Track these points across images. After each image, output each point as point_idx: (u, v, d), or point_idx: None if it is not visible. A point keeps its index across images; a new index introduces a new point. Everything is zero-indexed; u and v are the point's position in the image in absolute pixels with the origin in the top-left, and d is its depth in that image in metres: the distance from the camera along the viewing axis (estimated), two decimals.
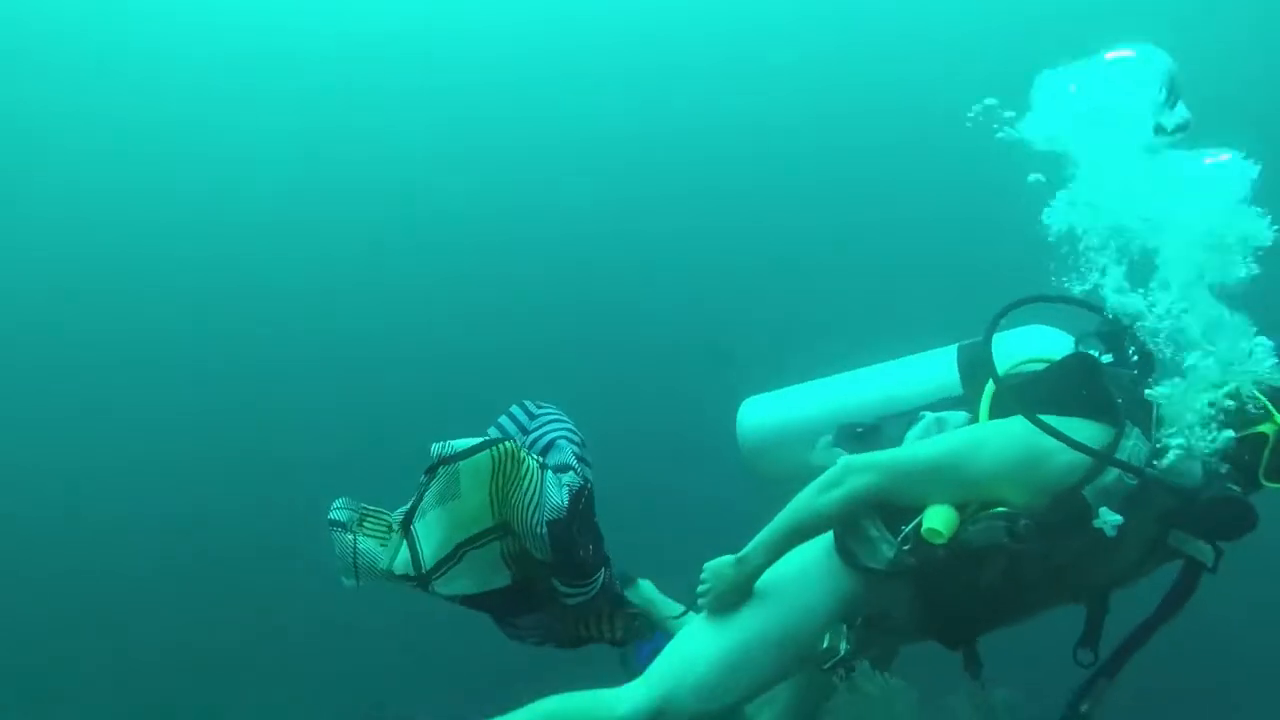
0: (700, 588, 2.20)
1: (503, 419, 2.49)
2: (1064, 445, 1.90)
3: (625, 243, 7.81)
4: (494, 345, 7.43)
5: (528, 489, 2.16)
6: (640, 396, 7.08)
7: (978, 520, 1.98)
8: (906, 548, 2.01)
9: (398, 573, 2.17)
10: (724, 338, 6.82)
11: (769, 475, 2.50)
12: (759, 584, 2.17)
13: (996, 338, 2.16)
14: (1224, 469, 1.89)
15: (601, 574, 2.36)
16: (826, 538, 2.18)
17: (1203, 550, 1.95)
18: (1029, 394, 2.04)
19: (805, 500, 2.11)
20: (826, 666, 2.13)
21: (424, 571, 2.17)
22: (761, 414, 2.54)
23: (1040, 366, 2.15)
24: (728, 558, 2.17)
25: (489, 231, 8.01)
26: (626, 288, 7.67)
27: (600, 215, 7.91)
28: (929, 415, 2.23)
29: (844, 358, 2.57)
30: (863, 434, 2.28)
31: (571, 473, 2.30)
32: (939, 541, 1.95)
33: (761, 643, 2.14)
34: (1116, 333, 2.07)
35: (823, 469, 2.17)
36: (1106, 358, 2.10)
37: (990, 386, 2.14)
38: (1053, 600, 2.16)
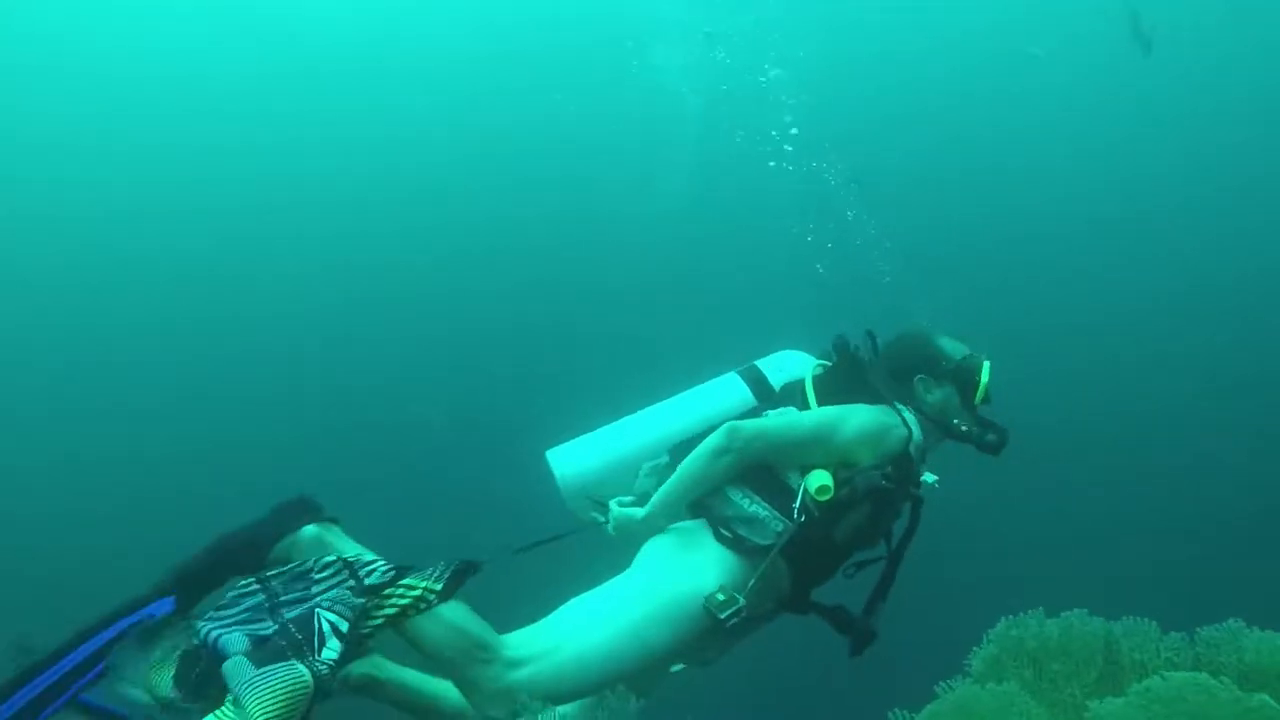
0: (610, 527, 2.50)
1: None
2: (899, 421, 2.58)
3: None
4: None
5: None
6: None
7: (858, 474, 2.46)
8: (799, 518, 2.41)
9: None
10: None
11: (589, 514, 2.71)
12: (649, 586, 2.39)
13: (764, 361, 2.82)
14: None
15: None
16: (704, 540, 2.47)
17: (924, 491, 2.67)
18: (844, 386, 2.63)
19: (699, 467, 2.45)
20: (725, 615, 2.31)
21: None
22: (576, 461, 2.70)
23: (820, 370, 2.73)
24: (634, 511, 2.49)
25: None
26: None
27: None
28: (771, 412, 2.67)
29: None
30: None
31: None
32: (826, 498, 2.40)
33: (656, 646, 2.35)
34: (844, 341, 2.74)
35: (647, 495, 2.57)
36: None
37: (810, 386, 2.68)
38: (870, 544, 2.67)
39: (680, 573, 2.40)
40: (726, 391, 2.78)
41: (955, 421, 2.72)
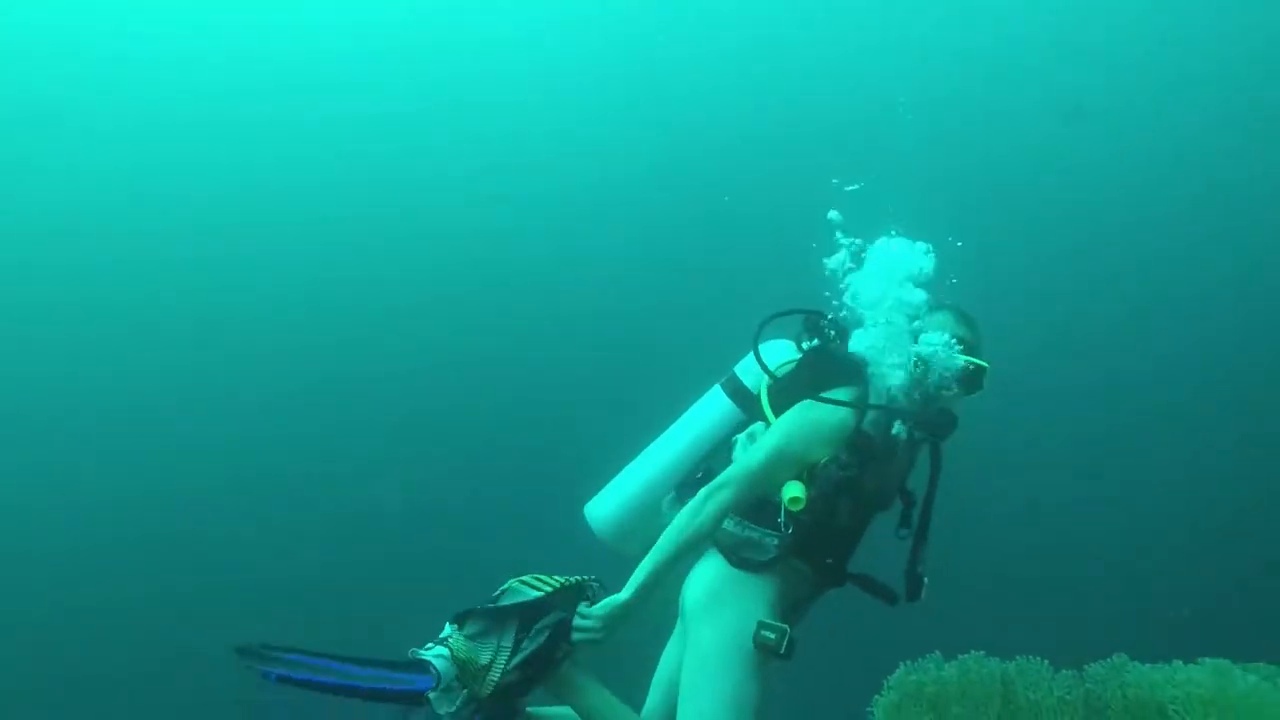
0: (589, 635, 2.44)
1: None
2: (834, 407, 2.54)
3: None
4: None
5: None
6: None
7: (819, 473, 2.51)
8: (787, 530, 2.49)
9: None
10: None
11: (638, 551, 2.67)
12: (710, 648, 2.46)
13: (743, 366, 2.78)
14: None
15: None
16: (721, 583, 2.55)
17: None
18: (795, 385, 2.63)
19: (681, 528, 2.47)
20: (784, 652, 2.40)
21: None
22: (606, 507, 2.80)
23: (790, 366, 2.72)
24: (614, 601, 2.44)
25: None
26: None
27: None
28: (740, 436, 2.72)
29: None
30: (701, 479, 2.63)
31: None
32: (799, 507, 2.47)
33: (747, 690, 2.43)
34: (818, 323, 2.72)
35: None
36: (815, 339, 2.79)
37: (765, 392, 2.68)
38: (882, 509, 2.73)
39: (734, 630, 2.48)
40: (712, 408, 2.82)
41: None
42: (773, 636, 2.39)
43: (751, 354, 2.75)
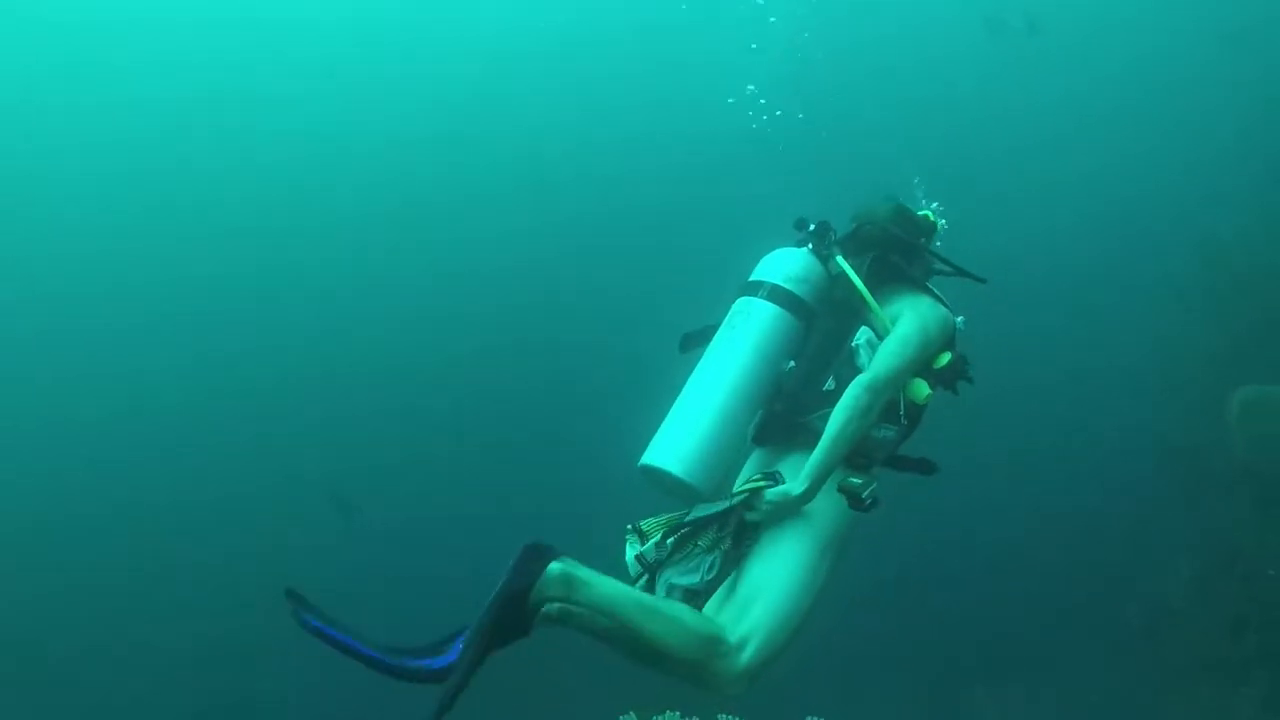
0: (760, 514, 2.57)
1: None
2: (943, 305, 2.79)
3: None
4: None
5: None
6: None
7: (946, 369, 2.73)
8: (904, 423, 2.68)
9: None
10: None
11: (714, 487, 2.69)
12: (802, 524, 2.60)
13: (766, 272, 2.81)
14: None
15: None
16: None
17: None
18: (887, 280, 2.80)
19: (853, 427, 2.55)
20: (865, 495, 2.55)
21: None
22: (682, 451, 2.64)
23: (859, 272, 2.77)
24: (789, 490, 2.55)
25: None
26: None
27: None
28: (859, 344, 2.73)
29: None
30: (833, 391, 2.64)
31: None
32: (928, 399, 2.68)
33: (823, 566, 2.59)
34: (824, 228, 2.86)
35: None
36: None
37: (867, 294, 2.72)
38: None
39: (832, 515, 2.60)
40: (758, 319, 2.76)
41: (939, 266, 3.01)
42: (858, 482, 2.54)
43: (764, 260, 2.83)
